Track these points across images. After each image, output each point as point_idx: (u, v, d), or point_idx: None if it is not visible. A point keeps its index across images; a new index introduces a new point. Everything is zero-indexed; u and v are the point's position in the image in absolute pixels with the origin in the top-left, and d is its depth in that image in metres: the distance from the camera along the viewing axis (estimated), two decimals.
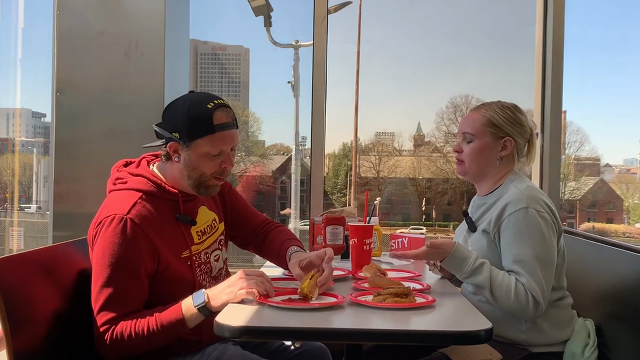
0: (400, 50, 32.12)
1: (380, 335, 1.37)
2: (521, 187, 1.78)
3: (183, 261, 1.67)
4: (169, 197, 1.67)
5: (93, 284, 1.57)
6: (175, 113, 1.64)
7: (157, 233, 1.61)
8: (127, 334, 1.52)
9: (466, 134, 1.87)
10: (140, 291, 1.59)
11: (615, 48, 41.11)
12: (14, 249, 16.38)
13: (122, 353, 1.56)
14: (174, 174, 1.68)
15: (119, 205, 1.60)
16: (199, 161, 1.63)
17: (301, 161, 14.08)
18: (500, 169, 1.87)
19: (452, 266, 1.73)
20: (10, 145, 30.67)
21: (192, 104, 1.62)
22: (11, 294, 1.40)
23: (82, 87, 2.69)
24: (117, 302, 1.55)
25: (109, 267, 1.54)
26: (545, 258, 1.69)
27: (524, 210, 1.71)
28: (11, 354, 1.36)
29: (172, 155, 1.65)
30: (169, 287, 1.63)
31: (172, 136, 1.62)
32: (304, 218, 12.43)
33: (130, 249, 1.55)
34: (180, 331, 1.54)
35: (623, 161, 33.84)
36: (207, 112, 1.60)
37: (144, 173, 1.68)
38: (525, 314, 1.68)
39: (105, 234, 1.56)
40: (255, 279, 1.51)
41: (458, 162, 1.92)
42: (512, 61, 29.88)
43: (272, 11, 8.10)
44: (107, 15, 2.70)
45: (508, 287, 1.66)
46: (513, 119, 1.85)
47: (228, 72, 34.96)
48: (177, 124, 1.61)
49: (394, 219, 27.31)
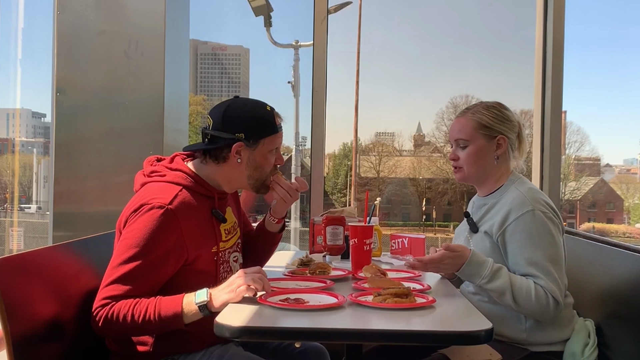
0: (401, 50, 32.14)
1: (380, 335, 1.37)
2: (523, 189, 1.79)
3: (211, 256, 1.70)
4: (206, 193, 1.71)
5: (112, 260, 1.58)
6: (237, 115, 1.71)
7: (193, 226, 1.63)
8: (122, 315, 1.51)
9: (459, 140, 1.88)
10: (154, 283, 1.59)
11: (615, 48, 41.15)
12: (14, 249, 16.39)
13: (113, 332, 1.57)
14: (217, 174, 1.73)
15: (160, 195, 1.62)
16: (263, 159, 1.74)
17: (301, 161, 14.07)
18: (498, 167, 1.87)
19: (470, 272, 1.67)
20: (10, 145, 30.68)
21: (254, 107, 1.73)
22: (11, 294, 1.40)
23: (82, 87, 2.69)
24: (128, 283, 1.54)
25: (135, 248, 1.55)
26: (557, 258, 1.70)
27: (530, 213, 1.71)
28: (11, 354, 1.36)
29: (234, 156, 1.70)
30: (194, 280, 1.64)
31: (236, 137, 1.68)
32: (304, 218, 12.43)
33: (161, 239, 1.56)
34: (175, 325, 1.53)
35: (623, 161, 33.86)
36: (270, 114, 1.73)
37: (182, 168, 1.71)
38: (547, 315, 1.67)
39: (141, 219, 1.57)
40: (253, 276, 1.52)
41: (456, 170, 1.92)
42: (512, 61, 29.91)
43: (272, 11, 8.11)
44: (107, 15, 2.70)
45: (528, 290, 1.65)
46: (501, 116, 1.86)
47: (228, 72, 34.94)
48: (242, 125, 1.69)
49: (394, 219, 27.31)
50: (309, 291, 1.59)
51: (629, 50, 40.81)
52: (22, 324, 1.41)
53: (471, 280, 1.70)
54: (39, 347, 1.48)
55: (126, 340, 1.65)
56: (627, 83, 42.93)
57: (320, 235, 2.24)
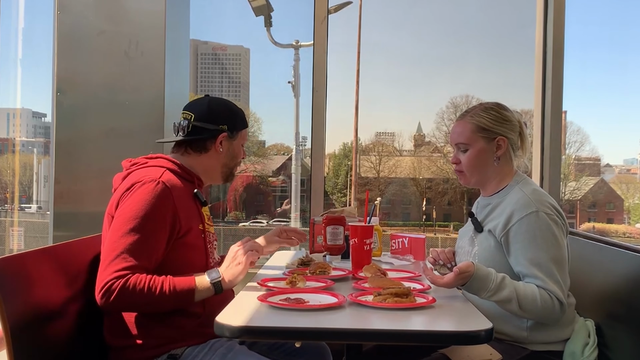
0: (401, 50, 32.15)
1: (381, 335, 1.37)
2: (527, 190, 1.79)
3: (199, 233, 1.75)
4: (186, 177, 1.79)
5: (111, 234, 1.60)
6: (221, 109, 1.86)
7: (182, 201, 1.70)
8: (139, 287, 1.55)
9: (460, 144, 1.89)
10: (159, 250, 1.64)
11: (615, 48, 41.17)
12: (14, 249, 16.39)
13: (127, 305, 1.59)
14: (195, 163, 1.82)
15: (148, 174, 1.69)
16: (238, 150, 1.90)
17: (301, 161, 14.08)
18: (500, 168, 1.87)
19: (477, 287, 1.64)
20: (11, 145, 30.69)
21: (231, 103, 1.90)
22: (11, 294, 1.40)
23: (82, 87, 2.69)
24: (139, 252, 1.58)
25: (136, 220, 1.60)
26: (560, 259, 1.70)
27: (534, 214, 1.71)
28: (11, 354, 1.36)
29: (217, 146, 1.83)
30: (185, 254, 1.70)
31: (221, 128, 1.83)
32: (304, 218, 12.43)
33: (160, 208, 1.63)
34: (187, 301, 1.61)
35: (623, 161, 33.86)
36: (242, 110, 1.92)
37: (162, 156, 1.80)
38: (552, 317, 1.68)
39: (135, 194, 1.63)
40: (250, 244, 1.69)
41: (458, 173, 1.92)
42: (512, 61, 29.91)
43: (272, 11, 8.11)
44: (108, 15, 2.70)
45: (533, 296, 1.64)
46: (499, 117, 1.86)
47: (228, 72, 34.96)
48: (226, 118, 1.85)
49: (395, 219, 27.31)
50: (309, 291, 1.59)
51: (629, 50, 40.82)
52: (22, 324, 1.41)
53: (477, 294, 1.66)
54: (39, 347, 1.48)
55: (126, 335, 1.66)
56: (627, 83, 42.95)
57: (320, 235, 2.24)
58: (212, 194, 23.69)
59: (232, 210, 28.03)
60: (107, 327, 1.71)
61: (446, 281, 1.63)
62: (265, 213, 28.73)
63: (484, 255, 1.79)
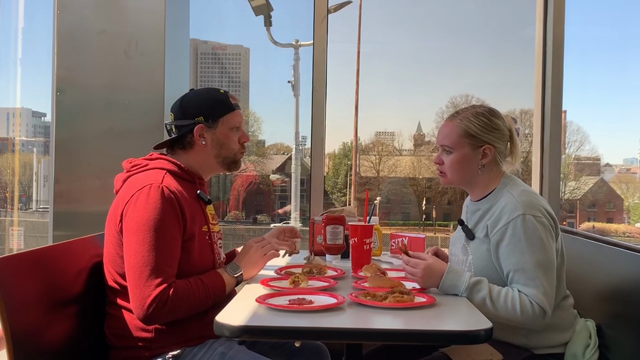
0: (401, 49, 32.10)
1: (380, 335, 1.37)
2: (515, 192, 1.74)
3: (203, 235, 1.76)
4: (187, 178, 1.78)
5: (134, 251, 1.60)
6: (193, 102, 1.82)
7: (185, 204, 1.70)
8: (185, 293, 1.60)
9: (444, 146, 1.82)
10: (179, 254, 1.66)
11: (615, 48, 41.12)
12: (14, 249, 16.38)
13: (175, 314, 1.61)
14: (190, 160, 1.81)
15: (148, 179, 1.68)
16: (225, 137, 1.82)
17: (301, 161, 14.08)
18: (485, 175, 1.82)
19: (450, 283, 1.63)
20: (10, 144, 30.66)
21: (207, 92, 1.84)
22: (11, 294, 1.40)
23: (82, 87, 2.68)
24: (168, 261, 1.61)
25: (153, 231, 1.60)
26: (545, 263, 1.65)
27: (521, 218, 1.67)
28: (11, 354, 1.36)
29: (198, 139, 1.79)
30: (192, 255, 1.70)
31: (197, 121, 1.78)
32: (304, 217, 12.44)
33: (170, 214, 1.64)
34: (221, 297, 1.68)
35: (623, 161, 33.80)
36: (224, 95, 1.84)
37: (162, 157, 1.79)
38: (533, 324, 1.65)
39: (142, 202, 1.62)
40: (269, 246, 1.82)
41: (440, 174, 1.86)
42: (512, 61, 29.84)
43: (272, 11, 8.11)
44: (107, 14, 2.69)
45: (513, 302, 1.61)
46: (489, 125, 1.79)
47: (228, 71, 34.95)
48: (199, 109, 1.79)
49: (394, 218, 27.28)
50: (309, 291, 1.59)
51: (629, 50, 40.76)
52: (22, 324, 1.41)
53: (452, 291, 1.64)
54: (39, 347, 1.48)
55: (126, 335, 1.66)
56: (627, 83, 42.86)
57: (320, 234, 2.24)
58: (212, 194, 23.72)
59: (232, 210, 28.02)
60: (108, 326, 1.71)
61: (420, 254, 1.70)
62: (264, 212, 28.72)
63: (480, 264, 1.75)
